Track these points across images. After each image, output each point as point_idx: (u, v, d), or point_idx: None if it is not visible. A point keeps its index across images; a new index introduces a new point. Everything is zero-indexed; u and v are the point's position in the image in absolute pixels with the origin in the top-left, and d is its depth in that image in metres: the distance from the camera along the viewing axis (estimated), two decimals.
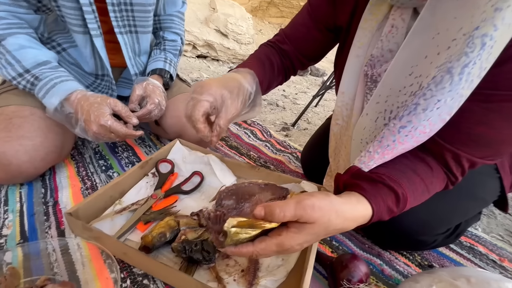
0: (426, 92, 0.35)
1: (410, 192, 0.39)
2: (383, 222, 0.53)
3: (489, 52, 0.32)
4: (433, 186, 0.42)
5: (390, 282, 0.52)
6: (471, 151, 0.41)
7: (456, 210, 0.53)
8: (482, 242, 0.67)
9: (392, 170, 0.41)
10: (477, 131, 0.38)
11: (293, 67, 0.63)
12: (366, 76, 0.47)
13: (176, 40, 0.89)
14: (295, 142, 1.18)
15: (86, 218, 0.51)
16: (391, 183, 0.38)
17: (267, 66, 0.58)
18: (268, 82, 0.58)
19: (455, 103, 0.35)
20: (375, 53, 0.45)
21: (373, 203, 0.37)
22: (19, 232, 0.51)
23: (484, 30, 0.31)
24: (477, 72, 0.33)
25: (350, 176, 0.42)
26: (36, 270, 0.42)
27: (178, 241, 0.47)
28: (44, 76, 0.59)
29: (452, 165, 0.42)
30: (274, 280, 0.45)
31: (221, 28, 2.38)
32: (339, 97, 0.53)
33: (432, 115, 0.36)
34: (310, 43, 0.59)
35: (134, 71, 0.79)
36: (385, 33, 0.44)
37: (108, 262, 0.43)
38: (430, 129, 0.38)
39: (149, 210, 0.56)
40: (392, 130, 0.39)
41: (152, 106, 0.71)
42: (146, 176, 0.65)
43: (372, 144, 0.42)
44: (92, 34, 0.66)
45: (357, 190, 0.38)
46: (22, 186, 0.61)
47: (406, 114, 0.37)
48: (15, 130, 0.57)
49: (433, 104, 0.35)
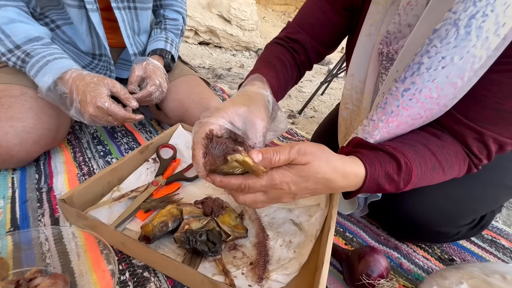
0: (429, 49, 0.32)
1: (417, 163, 0.36)
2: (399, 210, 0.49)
3: (505, 3, 0.27)
4: (448, 165, 0.39)
5: (409, 276, 0.49)
6: (499, 130, 0.36)
7: (483, 199, 0.49)
8: (504, 235, 0.63)
9: (399, 143, 0.39)
10: (507, 107, 0.34)
11: (309, 60, 0.57)
12: (381, 54, 0.43)
13: (177, 19, 0.83)
14: (302, 130, 1.13)
15: (81, 205, 0.47)
16: (394, 151, 0.36)
17: (279, 68, 0.50)
18: (284, 85, 0.52)
19: (467, 63, 0.31)
20: (391, 29, 0.41)
21: (367, 164, 0.35)
22: (10, 220, 0.47)
23: None
24: (493, 28, 0.29)
25: (352, 146, 0.41)
26: (27, 261, 0.39)
27: (181, 231, 0.43)
28: (36, 52, 0.55)
29: (474, 146, 0.38)
30: (286, 274, 0.41)
31: (224, 13, 2.30)
32: (348, 80, 0.49)
33: (438, 76, 0.33)
34: (327, 28, 0.53)
35: (133, 50, 0.74)
36: (403, 6, 0.39)
37: (105, 253, 0.39)
38: (438, 94, 0.35)
39: (150, 197, 0.52)
40: (395, 95, 0.36)
41: (152, 88, 0.67)
42: (146, 162, 0.61)
43: (375, 111, 0.39)
44: (88, 8, 0.61)
45: (355, 154, 0.37)
46: (14, 172, 0.57)
47: (409, 75, 0.34)
48: (5, 110, 0.53)
49: (437, 61, 0.32)
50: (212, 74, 1.70)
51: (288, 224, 0.51)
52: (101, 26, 0.65)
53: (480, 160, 0.40)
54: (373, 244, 0.55)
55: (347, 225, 0.58)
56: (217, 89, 1.30)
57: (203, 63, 1.89)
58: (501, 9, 0.28)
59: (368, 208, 0.54)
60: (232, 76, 1.71)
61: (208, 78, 1.63)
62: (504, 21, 0.28)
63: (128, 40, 0.72)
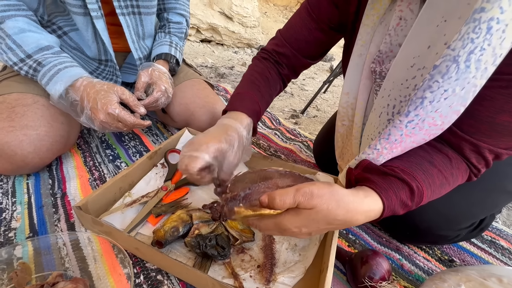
0: (431, 84, 0.33)
1: (427, 184, 0.37)
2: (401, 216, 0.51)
3: (500, 37, 0.29)
4: (453, 178, 0.40)
5: (410, 278, 0.51)
6: (494, 142, 0.38)
7: (482, 203, 0.51)
8: (503, 236, 0.64)
9: (406, 162, 0.39)
10: (499, 120, 0.36)
11: (294, 70, 0.60)
12: (374, 72, 0.44)
13: (181, 22, 0.84)
14: (305, 130, 1.14)
15: (95, 211, 0.49)
16: (405, 176, 0.37)
17: (262, 87, 0.55)
18: (267, 101, 0.57)
19: (468, 93, 0.33)
20: (383, 49, 0.42)
21: (383, 197, 0.35)
22: (28, 225, 0.49)
23: (490, 13, 0.28)
24: (491, 60, 0.30)
25: (362, 170, 0.41)
26: (47, 265, 0.41)
27: (192, 236, 0.45)
28: (47, 61, 0.57)
29: (472, 157, 0.40)
30: (292, 276, 0.43)
31: (226, 10, 2.29)
32: (343, 98, 0.51)
33: (440, 106, 0.34)
34: (312, 44, 0.55)
35: (138, 55, 0.75)
36: (392, 26, 0.40)
37: (120, 257, 0.41)
38: (442, 121, 0.36)
39: (160, 202, 0.54)
40: (399, 127, 0.37)
41: (158, 94, 0.68)
42: (155, 167, 0.63)
43: (378, 141, 0.40)
44: (93, 15, 0.62)
45: (367, 184, 0.37)
46: (29, 177, 0.60)
47: (413, 110, 0.35)
48: (18, 119, 0.55)
49: (439, 95, 0.33)
50: (215, 73, 1.70)
51: None
52: (106, 33, 0.66)
53: (479, 170, 0.41)
54: (375, 245, 0.57)
55: (350, 227, 0.60)
56: (220, 89, 1.31)
57: (205, 62, 1.90)
58: (497, 42, 0.29)
59: None
60: (235, 75, 1.71)
61: (211, 78, 1.64)
62: (500, 52, 0.30)
63: (133, 45, 0.73)
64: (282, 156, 0.83)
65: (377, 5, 0.42)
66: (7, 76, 0.62)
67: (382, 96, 0.42)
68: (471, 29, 0.29)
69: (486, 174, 0.43)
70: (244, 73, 0.60)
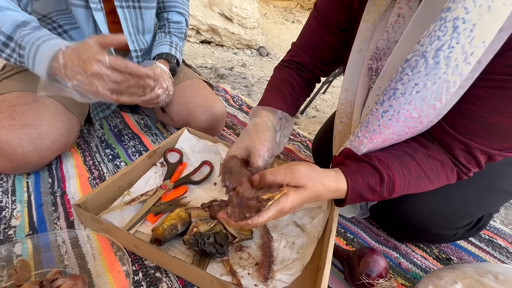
0: (402, 77, 0.35)
1: (400, 174, 0.40)
2: (399, 215, 0.51)
3: (468, 36, 0.30)
4: (434, 173, 0.41)
5: (407, 275, 0.51)
6: (486, 142, 0.38)
7: (479, 203, 0.51)
8: (501, 235, 0.64)
9: (386, 153, 0.42)
10: (492, 121, 0.36)
11: (315, 76, 0.62)
12: (371, 69, 0.45)
13: (181, 21, 0.84)
14: (304, 130, 1.15)
15: (95, 209, 0.49)
16: (379, 164, 0.40)
17: (286, 90, 0.57)
18: (293, 103, 0.58)
19: (441, 88, 0.34)
20: (380, 45, 0.43)
21: (349, 179, 0.39)
22: (28, 223, 0.50)
23: (455, 13, 0.29)
24: (461, 57, 0.31)
25: (343, 156, 0.44)
26: (47, 263, 0.41)
27: (190, 233, 0.45)
28: (25, 41, 0.48)
29: (461, 157, 0.41)
30: (290, 274, 0.44)
31: (226, 11, 2.30)
32: (342, 95, 0.51)
33: (413, 99, 0.36)
34: (325, 49, 0.57)
35: (134, 47, 0.75)
36: (391, 23, 0.41)
37: (119, 255, 0.41)
38: (419, 115, 0.37)
39: (159, 201, 0.55)
40: (375, 115, 0.40)
41: (160, 91, 0.69)
42: (154, 166, 0.63)
43: (359, 129, 0.42)
44: (92, 7, 0.62)
45: (340, 166, 0.41)
46: (28, 176, 0.60)
47: (387, 99, 0.38)
48: (19, 118, 0.55)
49: (410, 88, 0.35)
50: (215, 74, 1.71)
51: (292, 226, 0.53)
52: (105, 26, 0.66)
53: (468, 169, 0.42)
54: (373, 244, 0.57)
55: (348, 226, 0.60)
56: (219, 89, 1.31)
57: (205, 63, 1.90)
58: (466, 41, 0.30)
59: (370, 211, 0.56)
60: (235, 75, 1.72)
61: (211, 78, 1.64)
62: (471, 51, 0.31)
63: (129, 37, 0.73)
64: (281, 156, 0.84)
65: (378, 1, 0.43)
66: (7, 75, 0.62)
67: (377, 94, 0.43)
68: (438, 27, 0.30)
69: (483, 173, 0.43)
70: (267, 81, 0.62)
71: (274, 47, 2.64)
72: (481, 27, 0.29)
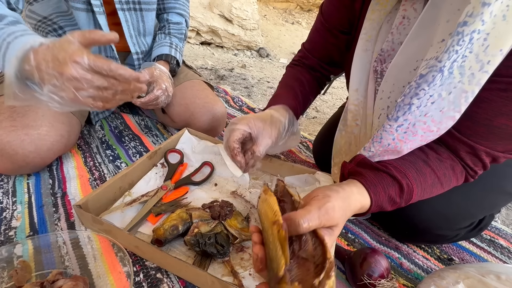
0: (418, 92, 0.34)
1: (417, 183, 0.38)
2: (400, 216, 0.51)
3: (482, 44, 0.30)
4: (446, 179, 0.41)
5: (409, 276, 0.51)
6: (491, 145, 0.38)
7: (481, 204, 0.51)
8: (502, 235, 0.64)
9: (400, 160, 0.40)
10: (497, 123, 0.36)
11: (324, 76, 0.64)
12: (375, 72, 0.45)
13: (181, 22, 0.85)
14: (304, 131, 1.15)
15: (95, 210, 0.49)
16: (396, 173, 0.38)
17: (297, 88, 0.59)
18: (303, 101, 0.59)
19: (458, 99, 0.33)
20: (385, 47, 0.43)
21: (371, 192, 0.37)
22: (29, 224, 0.49)
23: (473, 26, 0.29)
24: (477, 66, 0.31)
25: (355, 164, 0.42)
26: (47, 264, 0.41)
27: (191, 234, 0.45)
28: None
29: (468, 159, 0.40)
30: None
31: (226, 13, 2.30)
32: (353, 95, 0.49)
33: (429, 110, 0.35)
34: (331, 51, 0.59)
35: (135, 49, 0.76)
36: (395, 25, 0.41)
37: (120, 256, 0.41)
38: (438, 128, 0.37)
39: (160, 201, 0.55)
40: (389, 131, 0.38)
41: (159, 92, 0.69)
42: (155, 167, 0.63)
43: (372, 144, 0.41)
44: (96, 11, 0.63)
45: (359, 178, 0.39)
46: (29, 177, 0.60)
47: (401, 115, 0.36)
48: (20, 119, 0.55)
49: (426, 100, 0.34)
50: (215, 75, 1.71)
51: None
52: (107, 28, 0.67)
53: (475, 172, 0.41)
54: (374, 244, 0.57)
55: (349, 227, 0.60)
56: (220, 90, 1.31)
57: (205, 64, 1.91)
58: (480, 49, 0.30)
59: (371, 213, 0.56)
60: (235, 77, 1.72)
61: (211, 79, 1.64)
62: (488, 59, 0.30)
63: (130, 39, 0.74)
64: (281, 157, 0.84)
65: (383, 1, 0.42)
66: None
67: (381, 97, 0.42)
68: (456, 42, 0.30)
69: (485, 174, 0.43)
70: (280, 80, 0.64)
71: (274, 48, 2.64)
72: (496, 35, 0.29)
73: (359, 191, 0.37)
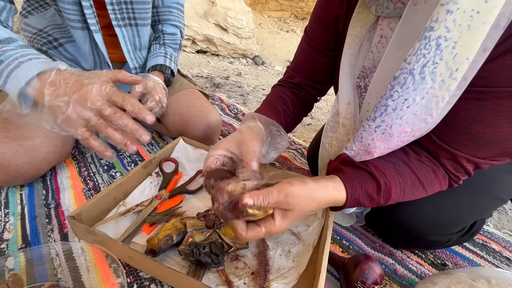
0: (392, 94, 0.36)
1: (396, 182, 0.40)
2: (393, 222, 0.52)
3: (451, 53, 0.32)
4: (428, 181, 0.42)
5: (403, 282, 0.51)
6: (471, 152, 0.40)
7: (471, 209, 0.52)
8: (495, 239, 0.65)
9: (381, 160, 0.42)
10: (474, 131, 0.37)
11: (311, 95, 0.63)
12: (359, 87, 0.47)
13: (175, 33, 0.86)
14: (299, 138, 1.16)
15: (89, 221, 0.49)
16: (375, 171, 0.40)
17: (279, 106, 0.57)
18: (285, 119, 0.57)
19: (430, 103, 0.35)
20: (366, 64, 0.45)
21: (348, 186, 0.39)
22: (21, 236, 0.49)
23: (438, 32, 0.31)
24: (447, 73, 0.33)
25: (339, 161, 0.44)
26: (40, 276, 0.41)
27: (186, 243, 0.45)
28: (5, 56, 0.43)
29: (449, 165, 0.42)
30: (286, 283, 0.44)
31: (221, 22, 2.34)
32: (346, 109, 0.49)
33: (404, 114, 0.37)
34: (317, 69, 0.59)
35: (133, 64, 0.76)
36: (374, 43, 0.43)
37: (113, 267, 0.41)
38: (412, 129, 0.39)
39: (154, 211, 0.55)
40: (368, 131, 0.40)
41: (153, 104, 0.69)
42: (149, 176, 0.63)
43: (353, 143, 0.43)
44: (92, 29, 0.64)
45: (338, 173, 0.41)
46: (22, 188, 0.60)
47: (379, 115, 0.39)
48: (14, 130, 0.55)
49: (401, 103, 0.36)
50: (210, 83, 1.73)
51: (287, 234, 0.53)
52: (104, 46, 0.68)
53: (458, 178, 0.43)
54: (369, 251, 0.57)
55: (343, 233, 0.60)
56: (215, 98, 1.32)
57: (201, 72, 1.92)
58: (450, 57, 0.32)
59: (365, 218, 0.57)
60: (230, 85, 1.74)
61: (207, 88, 1.66)
62: (456, 67, 0.32)
63: (128, 55, 0.75)
64: (276, 164, 0.84)
65: (362, 17, 0.45)
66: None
67: (367, 110, 0.44)
68: (423, 46, 0.32)
69: (474, 180, 0.44)
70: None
71: (269, 56, 2.68)
72: (463, 44, 0.31)
73: (335, 186, 0.40)
